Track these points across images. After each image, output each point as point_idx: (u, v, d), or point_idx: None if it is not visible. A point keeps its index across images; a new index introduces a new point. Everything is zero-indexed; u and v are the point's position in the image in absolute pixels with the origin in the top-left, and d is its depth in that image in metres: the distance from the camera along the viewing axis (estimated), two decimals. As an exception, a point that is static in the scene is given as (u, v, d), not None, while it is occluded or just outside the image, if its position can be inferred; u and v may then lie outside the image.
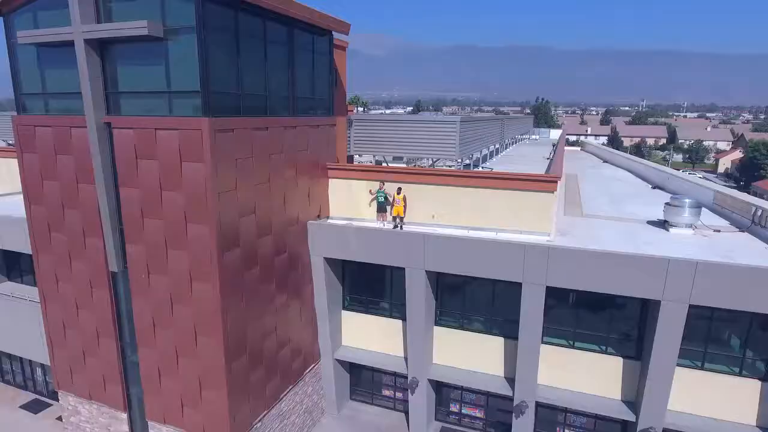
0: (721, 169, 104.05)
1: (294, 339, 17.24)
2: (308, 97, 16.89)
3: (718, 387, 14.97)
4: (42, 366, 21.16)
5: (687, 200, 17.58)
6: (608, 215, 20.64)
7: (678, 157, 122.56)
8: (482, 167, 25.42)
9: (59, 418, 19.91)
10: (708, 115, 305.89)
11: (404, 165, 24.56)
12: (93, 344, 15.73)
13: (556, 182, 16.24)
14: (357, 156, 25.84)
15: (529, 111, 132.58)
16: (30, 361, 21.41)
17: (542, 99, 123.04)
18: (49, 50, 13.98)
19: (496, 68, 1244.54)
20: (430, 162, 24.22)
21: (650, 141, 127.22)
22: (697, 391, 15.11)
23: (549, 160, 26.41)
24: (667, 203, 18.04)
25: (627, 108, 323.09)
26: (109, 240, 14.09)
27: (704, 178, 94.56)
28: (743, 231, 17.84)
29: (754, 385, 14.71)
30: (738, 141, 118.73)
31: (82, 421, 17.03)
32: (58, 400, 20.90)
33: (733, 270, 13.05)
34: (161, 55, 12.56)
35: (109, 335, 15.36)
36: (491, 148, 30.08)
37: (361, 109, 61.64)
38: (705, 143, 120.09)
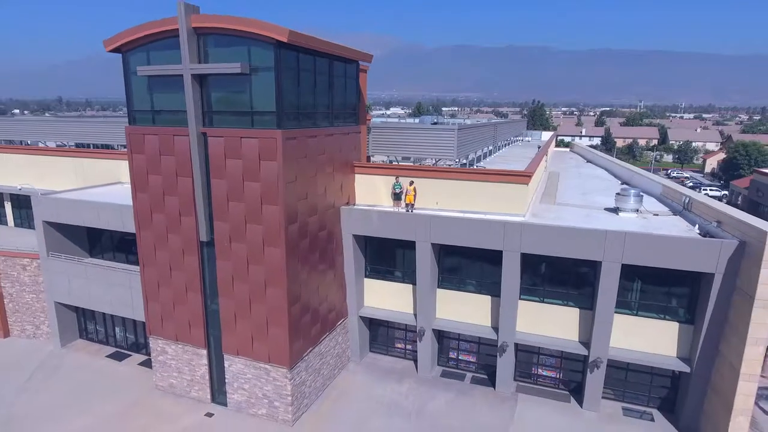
0: (708, 168, 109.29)
1: (329, 297, 22.45)
2: (341, 111, 22.11)
3: (647, 329, 20.18)
4: (123, 323, 26.37)
5: (632, 191, 22.83)
6: (576, 204, 25.86)
7: (669, 158, 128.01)
8: (476, 165, 30.61)
9: (141, 363, 25.24)
10: (704, 116, 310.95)
11: (412, 163, 29.69)
12: (182, 297, 20.94)
13: (530, 177, 21.48)
14: (372, 156, 30.98)
15: (525, 113, 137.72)
16: (113, 320, 26.61)
17: (538, 102, 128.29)
18: (158, 79, 19.17)
19: (495, 69, 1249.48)
20: (434, 161, 29.35)
21: (642, 142, 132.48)
22: (632, 332, 20.32)
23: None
24: (617, 193, 23.31)
25: (625, 109, 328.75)
26: (201, 217, 19.31)
27: (691, 177, 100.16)
28: (676, 215, 23.09)
29: (674, 327, 19.94)
30: (726, 142, 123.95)
31: (168, 359, 22.23)
32: (136, 351, 26.37)
33: (648, 238, 18.32)
34: (246, 85, 17.78)
35: (196, 290, 20.57)
36: (485, 149, 35.23)
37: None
38: (694, 144, 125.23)
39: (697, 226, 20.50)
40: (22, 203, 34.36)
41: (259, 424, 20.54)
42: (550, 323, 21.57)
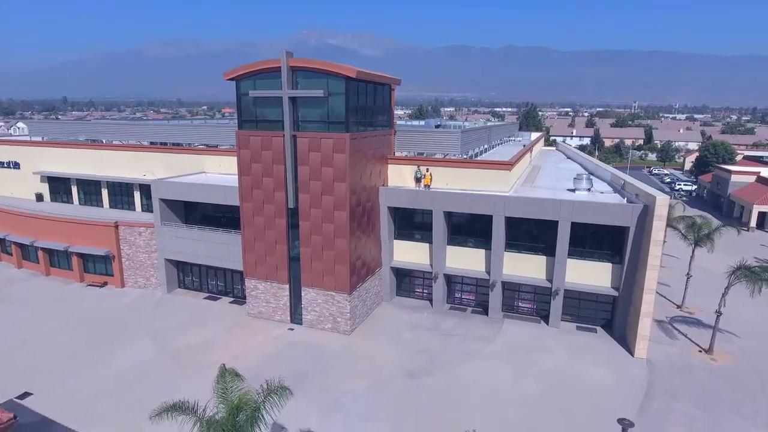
0: (687, 166, 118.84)
1: (371, 250, 31.92)
2: (380, 119, 31.58)
3: (590, 268, 29.68)
4: (215, 274, 35.81)
5: (584, 176, 32.36)
6: (548, 186, 35.37)
7: (653, 156, 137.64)
8: (475, 158, 40.04)
9: (231, 302, 34.71)
10: (696, 116, 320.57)
11: (427, 156, 39.04)
12: (272, 248, 30.38)
13: (512, 165, 31.02)
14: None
15: (519, 115, 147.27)
16: (207, 272, 36.04)
17: (531, 104, 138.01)
18: (261, 99, 28.58)
19: (494, 69, 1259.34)
20: (443, 155, 38.79)
21: (629, 142, 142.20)
22: (580, 271, 29.79)
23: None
24: (574, 178, 32.82)
25: (620, 110, 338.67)
26: (290, 191, 28.74)
27: (670, 174, 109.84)
28: (615, 192, 32.61)
29: (607, 266, 29.45)
30: (706, 142, 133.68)
31: (259, 293, 31.67)
32: (224, 295, 35.80)
33: (587, 204, 27.88)
34: (324, 103, 27.24)
35: (283, 242, 30.02)
36: (482, 147, 44.69)
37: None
38: (676, 144, 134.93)
39: (626, 198, 30.02)
40: (116, 190, 43.76)
41: (326, 334, 30.02)
42: (525, 267, 31.07)
